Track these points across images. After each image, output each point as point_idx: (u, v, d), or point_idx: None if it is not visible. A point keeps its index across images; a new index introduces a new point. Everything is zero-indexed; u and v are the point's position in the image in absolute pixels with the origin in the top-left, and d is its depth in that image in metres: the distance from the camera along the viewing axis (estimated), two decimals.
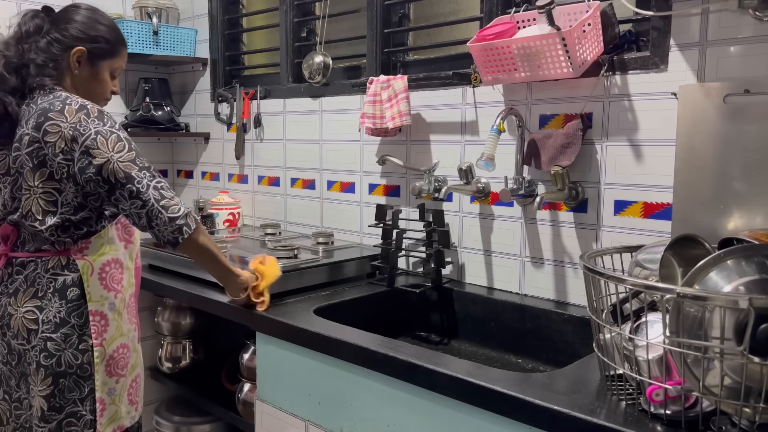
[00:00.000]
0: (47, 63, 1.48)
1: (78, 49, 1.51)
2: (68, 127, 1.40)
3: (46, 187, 1.44)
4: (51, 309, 1.45)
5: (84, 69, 1.54)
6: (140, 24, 2.64)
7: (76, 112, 1.42)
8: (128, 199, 1.41)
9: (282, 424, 1.59)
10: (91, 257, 1.50)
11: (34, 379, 1.45)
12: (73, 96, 1.47)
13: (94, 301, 1.49)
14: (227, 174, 2.77)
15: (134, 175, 1.40)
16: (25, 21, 1.52)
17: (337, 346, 1.41)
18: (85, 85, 1.55)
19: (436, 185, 1.88)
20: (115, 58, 1.60)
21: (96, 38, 1.54)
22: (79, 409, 1.46)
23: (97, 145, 1.40)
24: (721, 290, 0.96)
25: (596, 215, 1.64)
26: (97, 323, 1.49)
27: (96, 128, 1.41)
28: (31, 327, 1.45)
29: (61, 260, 1.48)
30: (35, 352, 1.45)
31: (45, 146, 1.41)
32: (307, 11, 2.45)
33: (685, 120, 1.41)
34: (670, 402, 0.99)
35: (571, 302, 1.70)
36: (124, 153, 1.41)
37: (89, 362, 1.47)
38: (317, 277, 1.87)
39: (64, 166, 1.42)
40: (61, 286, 1.46)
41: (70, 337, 1.46)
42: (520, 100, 1.77)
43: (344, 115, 2.25)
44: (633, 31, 1.59)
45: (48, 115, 1.41)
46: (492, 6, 1.81)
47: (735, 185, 1.35)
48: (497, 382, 1.14)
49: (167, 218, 1.40)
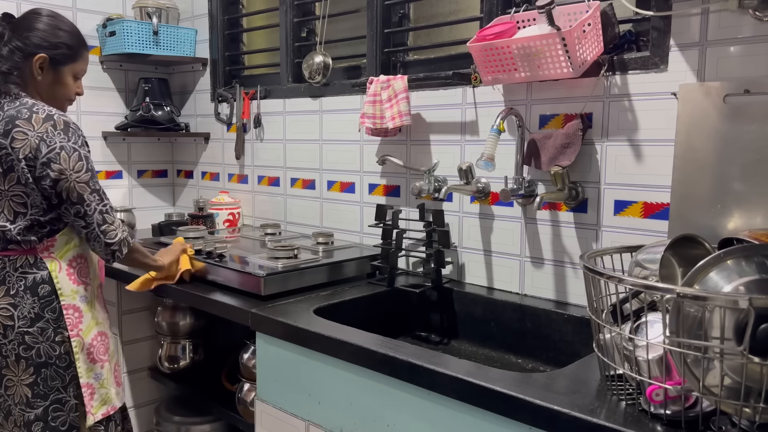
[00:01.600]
0: (11, 71, 1.55)
1: (40, 56, 1.57)
2: (35, 135, 1.48)
3: (15, 191, 1.52)
4: (25, 305, 1.53)
5: (47, 75, 1.60)
6: (140, 24, 2.64)
7: (43, 122, 1.49)
8: (73, 216, 1.52)
9: (282, 424, 1.59)
10: (57, 254, 1.58)
11: (14, 370, 1.53)
12: (39, 103, 1.54)
13: (66, 295, 1.57)
14: (227, 174, 2.77)
15: (86, 197, 1.51)
16: None
17: (337, 346, 1.41)
18: (49, 90, 1.62)
19: (436, 185, 1.88)
20: (76, 62, 1.66)
21: (57, 45, 1.59)
22: (64, 395, 1.56)
23: (59, 160, 1.48)
24: (721, 290, 0.96)
25: (596, 215, 1.64)
26: (72, 316, 1.58)
27: (61, 143, 1.49)
28: (7, 323, 1.53)
29: (29, 259, 1.55)
30: (13, 345, 1.53)
31: (12, 152, 1.48)
32: (307, 11, 2.45)
33: (685, 120, 1.41)
34: (670, 402, 0.99)
35: (571, 302, 1.70)
36: (82, 173, 1.51)
37: (68, 352, 1.56)
38: (317, 277, 1.87)
39: (27, 172, 1.49)
40: (31, 284, 1.54)
41: (45, 330, 1.54)
42: (520, 100, 1.77)
43: (344, 115, 2.25)
44: (633, 31, 1.59)
45: (15, 122, 1.48)
46: (492, 6, 1.81)
47: (735, 185, 1.35)
48: (497, 382, 1.14)
49: (104, 242, 1.54)
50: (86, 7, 2.73)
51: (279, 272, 1.76)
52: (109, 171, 2.87)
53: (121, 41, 2.61)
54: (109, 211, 1.56)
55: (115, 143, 2.87)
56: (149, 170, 2.99)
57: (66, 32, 1.62)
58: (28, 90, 1.58)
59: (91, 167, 1.55)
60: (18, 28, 1.57)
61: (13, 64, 1.55)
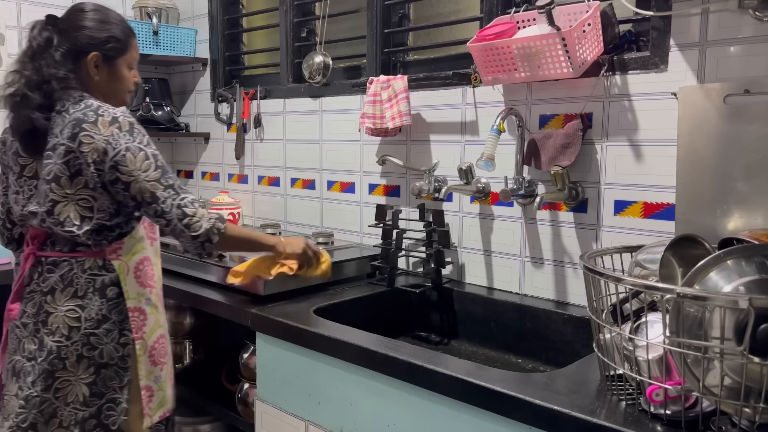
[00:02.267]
0: (68, 76, 1.51)
1: (93, 54, 1.54)
2: (101, 139, 1.44)
3: (82, 194, 1.48)
4: (92, 307, 1.51)
5: (102, 72, 1.56)
6: (140, 24, 2.64)
7: (109, 125, 1.46)
8: (154, 217, 1.48)
9: (282, 424, 1.59)
10: (125, 257, 1.55)
11: (73, 370, 1.51)
12: (104, 105, 1.51)
13: (132, 298, 1.55)
14: (227, 174, 2.77)
15: (159, 195, 1.46)
16: (34, 36, 1.54)
17: (337, 346, 1.41)
18: (108, 86, 1.59)
19: (436, 185, 1.88)
20: (129, 52, 1.62)
21: (107, 39, 1.56)
22: (118, 395, 1.53)
23: (125, 162, 1.44)
24: (721, 290, 0.96)
25: (596, 215, 1.64)
26: (137, 318, 1.56)
27: (126, 143, 1.45)
28: (73, 325, 1.50)
29: (97, 261, 1.52)
30: (76, 346, 1.50)
31: (81, 156, 1.45)
32: (307, 11, 2.45)
33: (686, 121, 1.41)
34: (670, 402, 0.99)
35: (571, 302, 1.70)
36: (151, 172, 1.46)
37: (128, 355, 1.54)
38: (317, 277, 1.86)
39: (96, 177, 1.46)
40: (100, 286, 1.51)
41: (111, 332, 1.52)
42: (520, 100, 1.77)
43: (344, 115, 2.25)
44: (633, 31, 1.59)
45: (82, 126, 1.45)
46: (492, 6, 1.81)
47: (735, 185, 1.34)
48: (497, 382, 1.14)
49: (189, 236, 1.47)
50: None
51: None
52: None
53: None
54: (188, 204, 1.48)
55: None
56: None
57: (113, 24, 1.58)
58: (89, 90, 1.55)
59: (160, 164, 1.48)
60: (65, 30, 1.54)
61: (69, 68, 1.52)
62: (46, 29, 1.54)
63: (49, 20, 1.56)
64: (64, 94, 1.50)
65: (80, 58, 1.53)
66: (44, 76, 1.50)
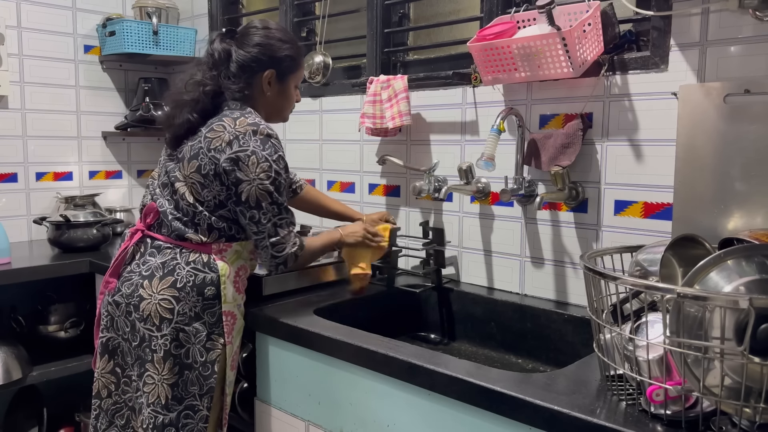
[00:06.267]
0: (243, 90, 1.56)
1: (269, 71, 1.58)
2: (232, 131, 1.47)
3: (195, 178, 1.50)
4: (188, 302, 1.49)
5: (273, 88, 1.61)
6: (140, 24, 2.64)
7: (247, 125, 1.49)
8: (248, 220, 1.49)
9: (282, 424, 1.59)
10: (229, 260, 1.55)
11: (158, 367, 1.48)
12: (255, 114, 1.55)
13: (228, 302, 1.54)
14: None
15: (263, 206, 1.48)
16: (215, 47, 1.59)
17: (337, 346, 1.41)
18: (274, 103, 1.63)
19: (436, 185, 1.88)
20: (299, 71, 1.67)
21: (283, 58, 1.60)
22: (197, 403, 1.51)
23: (247, 162, 1.46)
24: (721, 290, 0.96)
25: (596, 215, 1.64)
26: (228, 323, 1.54)
27: (254, 147, 1.47)
28: (165, 315, 1.48)
29: (202, 257, 1.52)
30: (165, 340, 1.48)
31: (203, 140, 1.49)
32: (307, 11, 2.45)
33: (686, 120, 1.41)
34: (671, 402, 0.99)
35: (571, 302, 1.70)
36: (266, 182, 1.47)
37: (212, 361, 1.52)
38: (317, 277, 1.86)
39: (212, 164, 1.47)
40: (200, 283, 1.50)
41: (200, 332, 1.50)
42: (520, 100, 1.77)
43: (344, 115, 2.24)
44: (633, 31, 1.59)
45: (221, 118, 1.50)
46: (492, 6, 1.81)
47: (735, 185, 1.34)
48: (497, 383, 1.14)
49: (270, 254, 1.50)
50: (86, 7, 2.73)
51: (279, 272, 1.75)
52: (109, 171, 2.87)
53: (120, 41, 2.61)
54: (284, 225, 1.51)
55: (114, 143, 2.87)
56: (149, 170, 2.98)
57: (288, 43, 1.61)
58: (256, 106, 1.59)
59: (279, 182, 1.49)
60: (243, 44, 1.57)
61: (243, 82, 1.56)
62: (225, 41, 1.59)
63: (229, 34, 1.61)
64: (231, 105, 1.55)
65: (256, 74, 1.57)
66: (220, 87, 1.55)
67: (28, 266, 2.16)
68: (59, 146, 2.69)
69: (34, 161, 2.62)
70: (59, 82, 2.67)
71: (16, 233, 2.55)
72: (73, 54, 2.71)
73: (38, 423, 2.33)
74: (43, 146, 2.64)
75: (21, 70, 2.56)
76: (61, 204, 2.54)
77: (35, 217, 2.51)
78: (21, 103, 2.57)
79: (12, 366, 2.11)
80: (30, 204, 2.63)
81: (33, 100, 2.60)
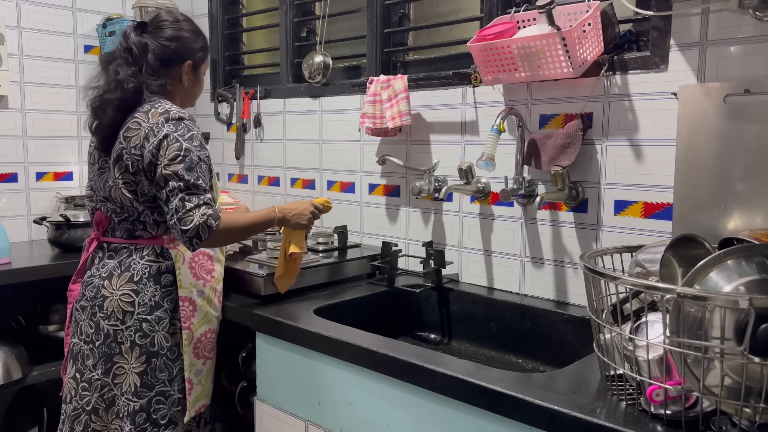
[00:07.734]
0: (164, 84, 1.61)
1: (187, 63, 1.64)
2: (146, 126, 1.51)
3: (125, 179, 1.54)
4: (146, 293, 1.55)
5: (190, 78, 1.67)
6: None
7: (159, 115, 1.52)
8: (163, 203, 1.49)
9: (282, 424, 1.59)
10: (182, 247, 1.60)
11: (127, 357, 1.55)
12: (166, 101, 1.57)
13: (184, 287, 1.60)
14: (227, 174, 2.77)
15: (170, 184, 1.47)
16: (132, 41, 1.59)
17: (337, 346, 1.41)
18: (189, 91, 1.70)
19: (436, 185, 1.88)
20: (207, 59, 1.74)
21: (198, 49, 1.67)
22: (168, 389, 1.58)
23: (160, 147, 1.48)
24: (721, 290, 0.96)
25: (596, 215, 1.64)
26: (186, 308, 1.60)
27: (167, 131, 1.49)
28: (127, 309, 1.55)
29: (155, 248, 1.58)
30: (130, 332, 1.54)
31: (123, 141, 1.52)
32: (307, 11, 2.45)
33: (686, 120, 1.41)
34: (671, 402, 0.99)
35: (571, 302, 1.70)
36: (174, 162, 1.47)
37: (177, 344, 1.59)
38: (317, 277, 1.87)
39: (137, 162, 1.51)
40: (156, 272, 1.57)
41: (162, 320, 1.57)
42: (520, 100, 1.77)
43: (344, 115, 2.24)
44: (633, 31, 1.59)
45: (134, 115, 1.53)
46: (492, 6, 1.81)
47: (735, 185, 1.34)
48: (497, 382, 1.14)
49: (180, 230, 1.46)
50: (86, 7, 2.73)
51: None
52: None
53: None
54: (192, 199, 1.44)
55: None
56: None
57: (200, 35, 1.68)
58: (167, 94, 1.62)
59: (190, 159, 1.47)
60: (158, 38, 1.60)
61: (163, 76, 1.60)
62: (140, 35, 1.60)
63: (140, 27, 1.62)
64: (152, 98, 1.57)
65: (173, 66, 1.62)
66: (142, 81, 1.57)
67: (28, 266, 2.16)
68: (59, 146, 2.69)
69: (34, 161, 2.62)
70: (59, 82, 2.67)
71: (16, 233, 2.55)
72: (73, 54, 2.70)
73: (38, 423, 2.33)
74: (43, 146, 2.64)
75: (21, 70, 2.56)
76: (61, 204, 2.53)
77: (35, 217, 2.51)
78: (21, 103, 2.57)
79: (12, 366, 2.11)
80: (30, 204, 2.63)
81: (33, 100, 2.60)
